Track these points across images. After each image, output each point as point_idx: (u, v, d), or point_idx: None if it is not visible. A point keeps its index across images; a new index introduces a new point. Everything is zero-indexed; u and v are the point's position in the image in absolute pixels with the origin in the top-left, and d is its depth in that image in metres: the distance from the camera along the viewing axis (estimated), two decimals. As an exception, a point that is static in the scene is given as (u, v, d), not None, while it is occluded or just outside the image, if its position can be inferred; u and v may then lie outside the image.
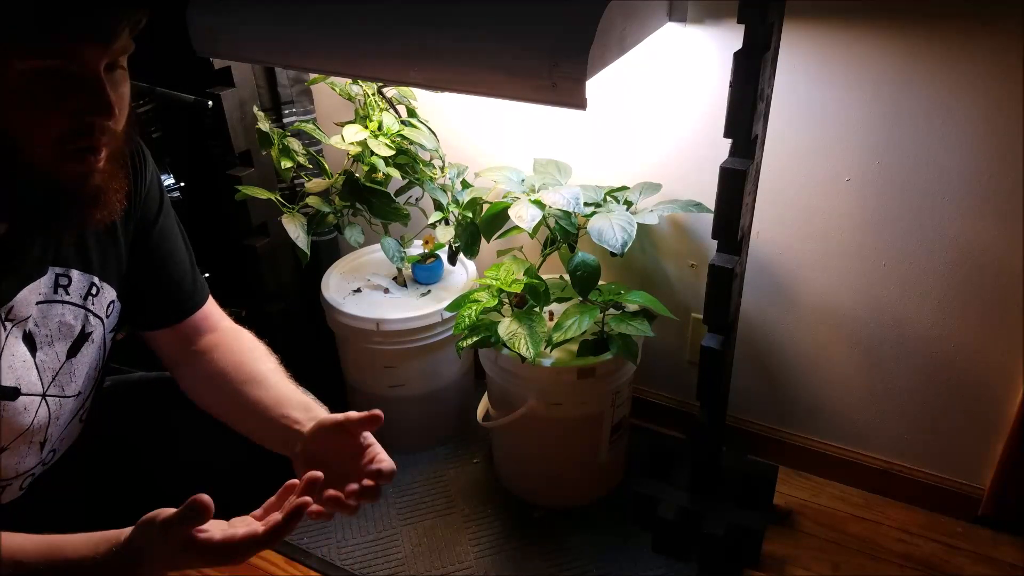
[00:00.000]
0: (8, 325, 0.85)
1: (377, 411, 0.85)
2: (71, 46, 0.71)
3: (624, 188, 1.47)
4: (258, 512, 0.80)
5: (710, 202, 1.22)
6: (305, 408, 0.93)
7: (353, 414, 0.87)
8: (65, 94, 0.73)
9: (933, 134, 1.26)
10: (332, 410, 1.11)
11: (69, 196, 0.78)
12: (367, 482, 0.82)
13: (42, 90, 0.72)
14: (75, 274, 0.90)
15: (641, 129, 1.48)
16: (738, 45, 1.07)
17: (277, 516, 0.76)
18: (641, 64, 1.40)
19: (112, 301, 0.95)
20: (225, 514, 0.87)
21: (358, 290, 1.67)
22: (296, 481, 0.80)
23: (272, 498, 0.81)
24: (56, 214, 0.79)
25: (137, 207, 0.95)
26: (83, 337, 0.93)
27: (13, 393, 0.86)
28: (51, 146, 0.74)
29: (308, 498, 0.76)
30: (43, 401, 0.90)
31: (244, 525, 0.77)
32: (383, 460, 0.85)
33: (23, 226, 0.82)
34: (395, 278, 1.70)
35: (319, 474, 0.79)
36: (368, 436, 0.88)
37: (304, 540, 1.53)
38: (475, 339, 1.40)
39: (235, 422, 0.97)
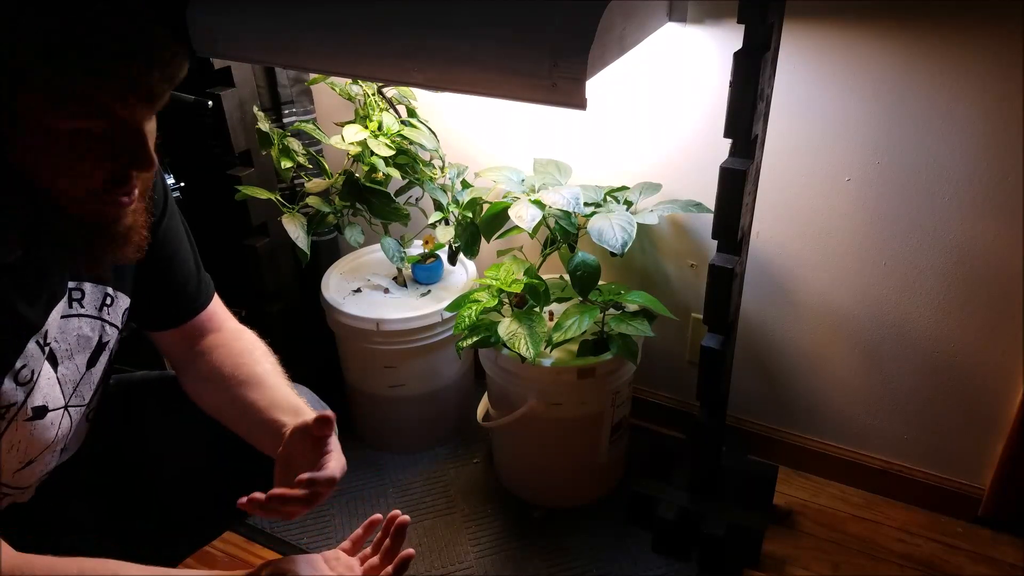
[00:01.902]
0: (46, 350, 0.86)
1: (327, 412, 0.85)
2: (119, 109, 0.71)
3: (624, 188, 1.47)
4: (346, 545, 0.98)
5: (710, 202, 1.22)
6: (295, 412, 0.93)
7: (311, 419, 0.86)
8: (109, 151, 0.73)
9: (933, 134, 1.26)
10: (333, 410, 1.12)
11: (102, 237, 0.79)
12: (287, 491, 0.81)
13: (85, 147, 0.72)
14: (87, 286, 0.90)
15: (641, 129, 1.48)
16: (738, 45, 1.07)
17: (410, 550, 0.94)
18: (641, 64, 1.40)
19: (127, 309, 0.96)
20: (226, 510, 0.88)
21: (358, 290, 1.67)
22: (379, 517, 0.97)
23: (359, 531, 0.98)
24: (89, 253, 0.80)
25: None
26: (100, 347, 0.93)
27: (42, 412, 0.88)
28: (88, 195, 0.75)
29: (404, 516, 0.96)
30: (65, 412, 0.91)
31: (350, 568, 0.94)
32: (322, 466, 0.84)
33: (44, 255, 0.82)
34: (395, 278, 1.70)
35: (405, 519, 0.96)
36: (330, 442, 0.87)
37: (304, 540, 1.53)
38: (475, 339, 1.40)
39: (230, 422, 0.98)
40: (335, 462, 0.85)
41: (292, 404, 0.94)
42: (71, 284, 0.88)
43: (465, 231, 1.53)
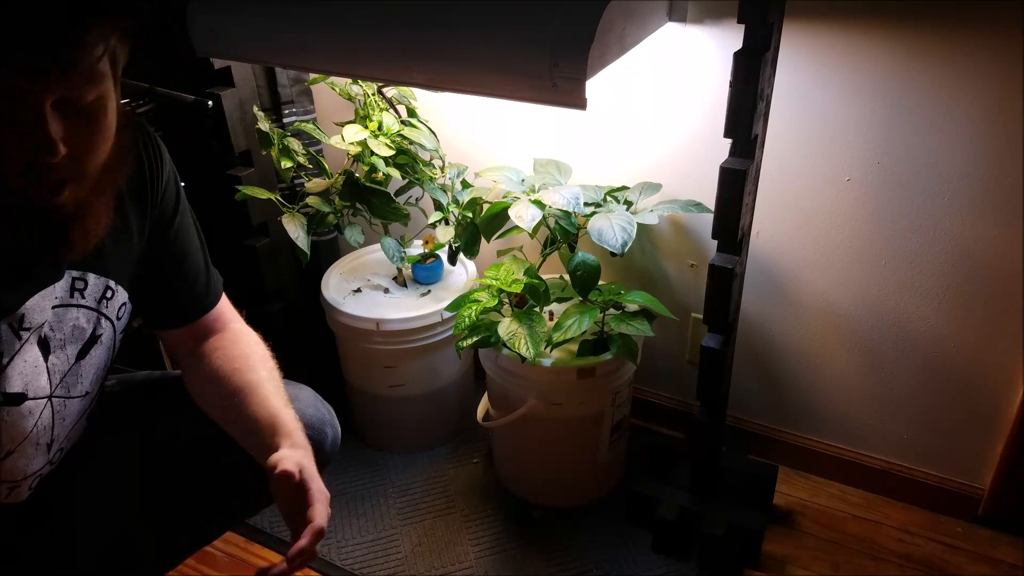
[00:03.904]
0: (24, 334, 0.85)
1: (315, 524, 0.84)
2: (9, 83, 0.67)
3: (624, 188, 1.47)
4: None
5: (710, 202, 1.22)
6: (273, 430, 0.92)
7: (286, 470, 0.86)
8: (13, 131, 0.69)
9: (933, 133, 1.26)
10: (335, 408, 1.12)
11: (40, 227, 0.76)
12: (283, 571, 0.82)
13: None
14: (91, 277, 0.89)
15: (641, 129, 1.48)
16: (738, 45, 1.07)
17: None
18: (641, 64, 1.40)
19: (124, 303, 0.95)
20: (226, 510, 0.87)
21: (358, 290, 1.67)
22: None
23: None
24: (29, 244, 0.78)
25: (153, 208, 0.94)
26: (93, 339, 0.93)
27: (19, 399, 0.87)
28: (23, 175, 0.72)
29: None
30: (48, 403, 0.90)
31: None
32: (310, 519, 0.84)
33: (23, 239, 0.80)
34: (395, 278, 1.70)
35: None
36: (311, 489, 0.86)
37: (304, 540, 1.53)
38: (475, 339, 1.40)
39: (224, 426, 0.98)
40: (320, 512, 0.85)
41: (274, 421, 0.93)
42: (75, 273, 0.88)
43: (465, 231, 1.53)
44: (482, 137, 1.65)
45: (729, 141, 1.14)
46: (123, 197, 0.90)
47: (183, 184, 1.01)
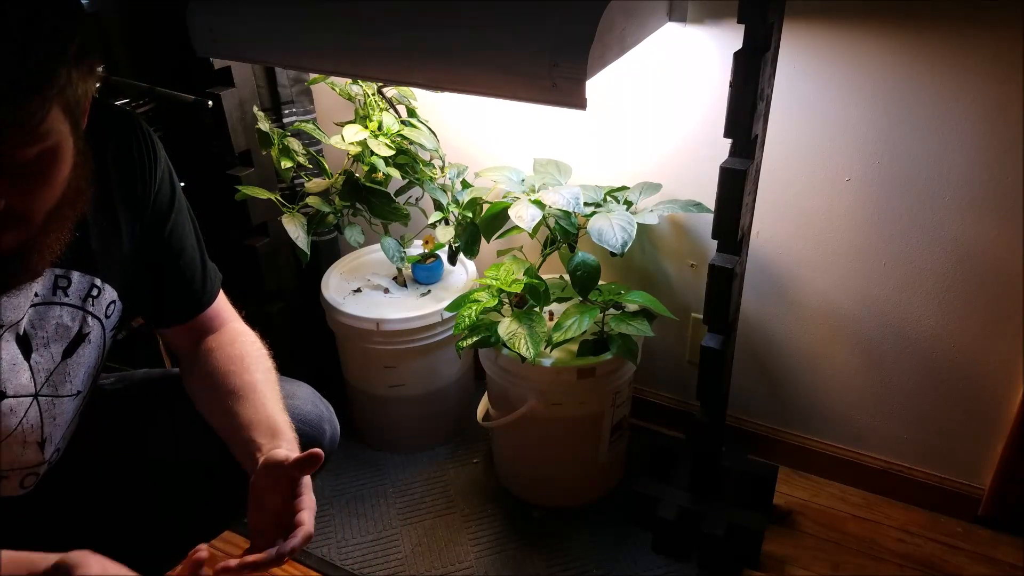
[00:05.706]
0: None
1: (316, 450, 0.82)
2: None
3: (624, 188, 1.47)
4: None
5: (710, 202, 1.22)
6: (272, 434, 0.90)
7: (292, 457, 0.83)
8: None
9: (933, 133, 1.26)
10: (335, 409, 1.12)
11: None
12: (259, 558, 0.80)
13: None
14: (75, 275, 0.89)
15: (641, 129, 1.48)
16: (738, 45, 1.07)
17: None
18: (641, 64, 1.40)
19: (113, 302, 0.94)
20: (225, 509, 0.87)
21: (358, 290, 1.67)
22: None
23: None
24: None
25: (146, 207, 0.93)
26: (79, 338, 0.92)
27: None
28: None
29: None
30: (34, 401, 0.90)
31: None
32: (298, 508, 0.82)
33: None
34: (395, 278, 1.71)
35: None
36: (303, 484, 0.85)
37: (304, 540, 1.53)
38: (475, 339, 1.40)
39: (216, 428, 0.97)
40: (308, 511, 0.83)
41: (270, 424, 0.92)
42: (58, 271, 0.87)
43: (465, 231, 1.53)
44: (482, 137, 1.65)
45: (729, 141, 1.14)
46: (113, 198, 0.89)
47: (182, 184, 1.00)
